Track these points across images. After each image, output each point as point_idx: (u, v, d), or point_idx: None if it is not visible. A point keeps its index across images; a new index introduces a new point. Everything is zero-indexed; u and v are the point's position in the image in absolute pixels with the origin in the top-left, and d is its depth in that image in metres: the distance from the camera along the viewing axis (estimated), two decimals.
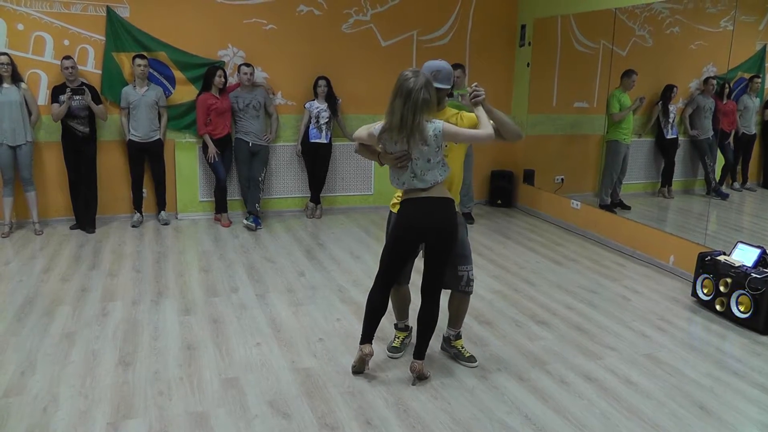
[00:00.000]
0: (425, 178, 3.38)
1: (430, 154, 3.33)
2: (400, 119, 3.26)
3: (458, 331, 3.94)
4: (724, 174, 6.23)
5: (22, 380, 3.54)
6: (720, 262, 4.74)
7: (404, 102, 3.24)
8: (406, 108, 3.24)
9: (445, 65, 3.50)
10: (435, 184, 3.40)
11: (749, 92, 5.99)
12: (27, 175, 6.32)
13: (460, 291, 3.75)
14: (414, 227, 3.47)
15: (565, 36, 7.40)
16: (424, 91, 3.24)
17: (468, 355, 3.90)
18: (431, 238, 3.47)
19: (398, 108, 3.26)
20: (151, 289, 5.01)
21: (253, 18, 7.09)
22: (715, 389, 3.66)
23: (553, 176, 7.81)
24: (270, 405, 3.36)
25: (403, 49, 7.63)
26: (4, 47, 6.34)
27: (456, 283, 3.72)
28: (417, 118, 3.25)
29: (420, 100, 3.23)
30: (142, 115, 6.60)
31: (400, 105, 3.25)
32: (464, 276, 3.71)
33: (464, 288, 3.74)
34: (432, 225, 3.43)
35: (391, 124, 3.31)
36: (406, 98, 3.24)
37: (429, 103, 3.28)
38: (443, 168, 3.42)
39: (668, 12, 6.17)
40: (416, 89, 3.23)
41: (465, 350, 3.93)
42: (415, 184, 3.40)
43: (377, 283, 3.65)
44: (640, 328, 4.50)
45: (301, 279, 5.33)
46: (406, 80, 3.26)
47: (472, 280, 3.75)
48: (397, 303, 3.97)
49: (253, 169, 6.98)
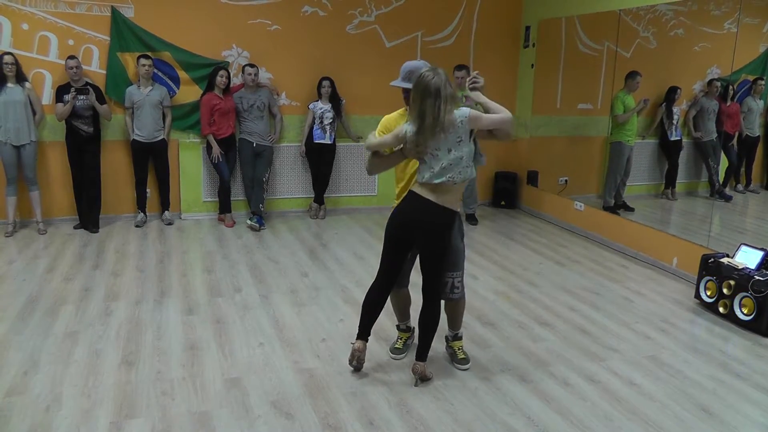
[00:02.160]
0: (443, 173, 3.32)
1: (451, 144, 3.29)
2: (434, 118, 3.23)
3: (456, 333, 3.93)
4: (727, 176, 6.22)
5: (25, 380, 3.55)
6: (723, 265, 4.73)
7: (435, 100, 3.23)
8: (436, 106, 3.22)
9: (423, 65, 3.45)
10: (452, 182, 3.34)
11: (753, 94, 5.99)
12: (31, 175, 6.34)
13: (448, 298, 3.75)
14: (402, 223, 3.49)
15: (570, 37, 7.39)
16: (449, 86, 3.26)
17: (461, 357, 3.88)
18: (418, 235, 3.47)
19: (430, 108, 3.23)
20: (155, 289, 5.01)
21: (257, 18, 7.10)
22: (718, 391, 3.66)
23: (556, 178, 7.80)
24: (273, 405, 3.37)
25: (407, 50, 7.63)
26: (9, 47, 6.35)
27: (442, 289, 3.69)
28: (449, 113, 3.25)
29: (449, 95, 3.25)
30: (146, 115, 6.62)
31: (432, 104, 3.22)
32: (449, 282, 3.69)
33: (448, 295, 3.72)
34: (418, 221, 3.42)
35: (426, 126, 3.26)
36: (436, 96, 3.23)
37: (455, 96, 3.30)
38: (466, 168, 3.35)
39: (672, 14, 6.16)
40: (443, 86, 3.23)
41: (460, 351, 3.91)
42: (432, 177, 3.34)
43: (376, 280, 3.68)
44: (643, 330, 4.49)
45: (305, 279, 5.33)
46: (431, 80, 3.23)
47: (458, 287, 3.72)
48: (398, 305, 3.97)
49: (257, 170, 6.99)
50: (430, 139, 3.29)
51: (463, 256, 3.75)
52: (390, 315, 4.50)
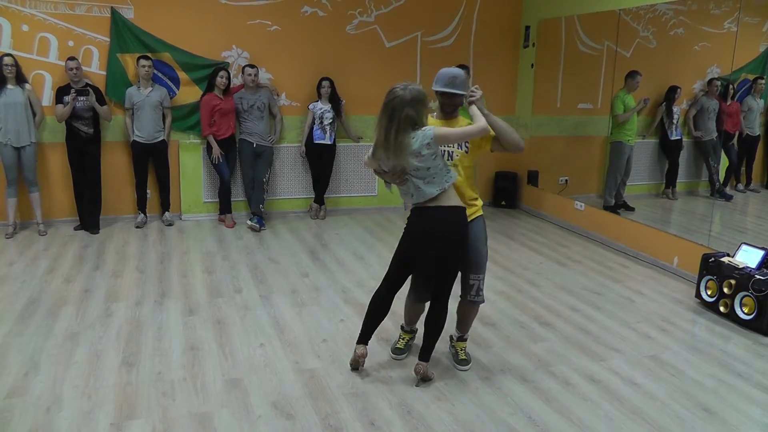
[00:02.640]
0: (429, 189, 3.33)
1: (428, 162, 3.28)
2: (384, 137, 3.25)
3: (462, 335, 3.92)
4: (728, 175, 6.22)
5: (26, 381, 3.55)
6: (724, 264, 4.73)
7: (389, 119, 3.23)
8: (390, 125, 3.22)
9: (461, 72, 3.44)
10: (442, 191, 3.35)
11: (753, 93, 5.98)
12: (31, 176, 6.34)
13: (468, 300, 3.72)
14: (419, 238, 3.46)
15: (570, 37, 7.39)
16: (408, 109, 3.21)
17: (462, 358, 3.87)
18: (439, 247, 3.42)
19: (383, 125, 3.25)
20: (155, 290, 5.01)
21: (257, 19, 7.10)
22: (718, 391, 3.66)
23: (557, 177, 7.80)
24: (273, 406, 3.37)
25: (407, 51, 7.63)
26: (9, 48, 6.36)
27: (465, 291, 3.69)
28: (399, 136, 3.21)
29: (403, 117, 3.20)
30: (146, 116, 6.62)
31: (385, 122, 3.25)
32: (475, 285, 3.67)
33: (473, 298, 3.70)
34: (438, 235, 3.40)
35: (377, 142, 3.31)
36: (390, 116, 3.23)
37: (412, 120, 3.23)
38: (448, 175, 3.36)
39: (672, 13, 6.16)
40: (400, 107, 3.20)
41: (462, 352, 3.90)
42: (422, 195, 3.36)
43: (382, 285, 3.65)
44: (644, 330, 4.49)
45: (305, 280, 5.33)
46: (394, 97, 3.23)
47: (482, 290, 3.70)
48: (410, 313, 3.95)
49: (258, 170, 6.99)
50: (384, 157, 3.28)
51: (485, 260, 3.71)
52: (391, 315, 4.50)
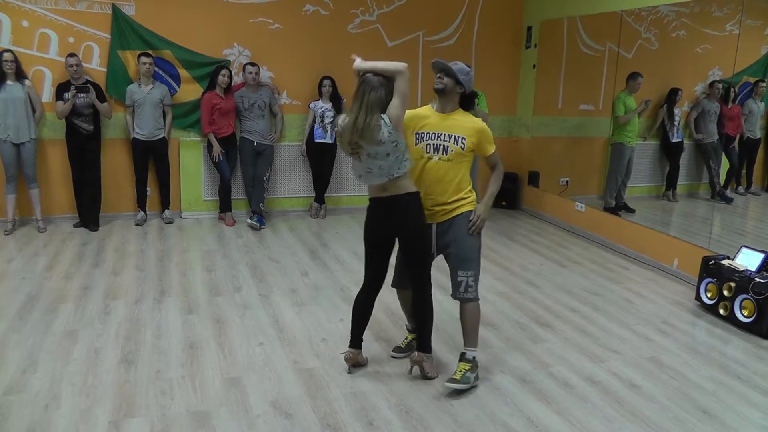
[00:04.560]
0: (381, 173, 3.34)
1: (389, 149, 3.28)
2: (354, 120, 3.26)
3: (463, 352, 3.62)
4: (728, 178, 6.22)
5: (24, 378, 3.54)
6: (724, 266, 4.73)
7: (360, 103, 3.28)
8: (360, 108, 3.26)
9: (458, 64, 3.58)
10: (391, 178, 3.35)
11: (754, 96, 5.98)
12: (31, 173, 6.33)
13: (458, 298, 3.57)
14: (373, 230, 3.54)
15: (572, 38, 7.39)
16: (378, 91, 3.27)
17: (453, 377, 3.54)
18: (393, 237, 3.54)
19: (354, 108, 3.29)
20: (154, 288, 5.00)
21: (259, 17, 7.09)
22: (718, 393, 3.65)
23: (557, 178, 7.80)
24: (272, 405, 3.36)
25: (409, 50, 7.62)
26: (9, 44, 6.34)
27: (454, 288, 3.57)
28: (368, 117, 3.24)
29: (372, 99, 3.26)
30: (146, 114, 6.61)
31: (356, 107, 3.28)
32: (463, 282, 3.51)
33: (461, 295, 3.53)
34: (390, 227, 3.48)
35: (344, 126, 3.34)
36: (361, 99, 3.28)
37: (380, 102, 3.28)
38: (402, 162, 3.35)
39: (674, 15, 6.16)
40: (368, 90, 3.27)
41: (457, 372, 3.55)
42: (371, 180, 3.39)
43: (363, 286, 3.69)
44: (644, 332, 4.48)
45: (305, 279, 5.33)
46: (363, 81, 3.32)
47: (472, 287, 3.52)
48: (403, 306, 3.94)
49: (258, 169, 6.98)
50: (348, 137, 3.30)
51: (477, 255, 3.56)
52: (391, 315, 4.51)
